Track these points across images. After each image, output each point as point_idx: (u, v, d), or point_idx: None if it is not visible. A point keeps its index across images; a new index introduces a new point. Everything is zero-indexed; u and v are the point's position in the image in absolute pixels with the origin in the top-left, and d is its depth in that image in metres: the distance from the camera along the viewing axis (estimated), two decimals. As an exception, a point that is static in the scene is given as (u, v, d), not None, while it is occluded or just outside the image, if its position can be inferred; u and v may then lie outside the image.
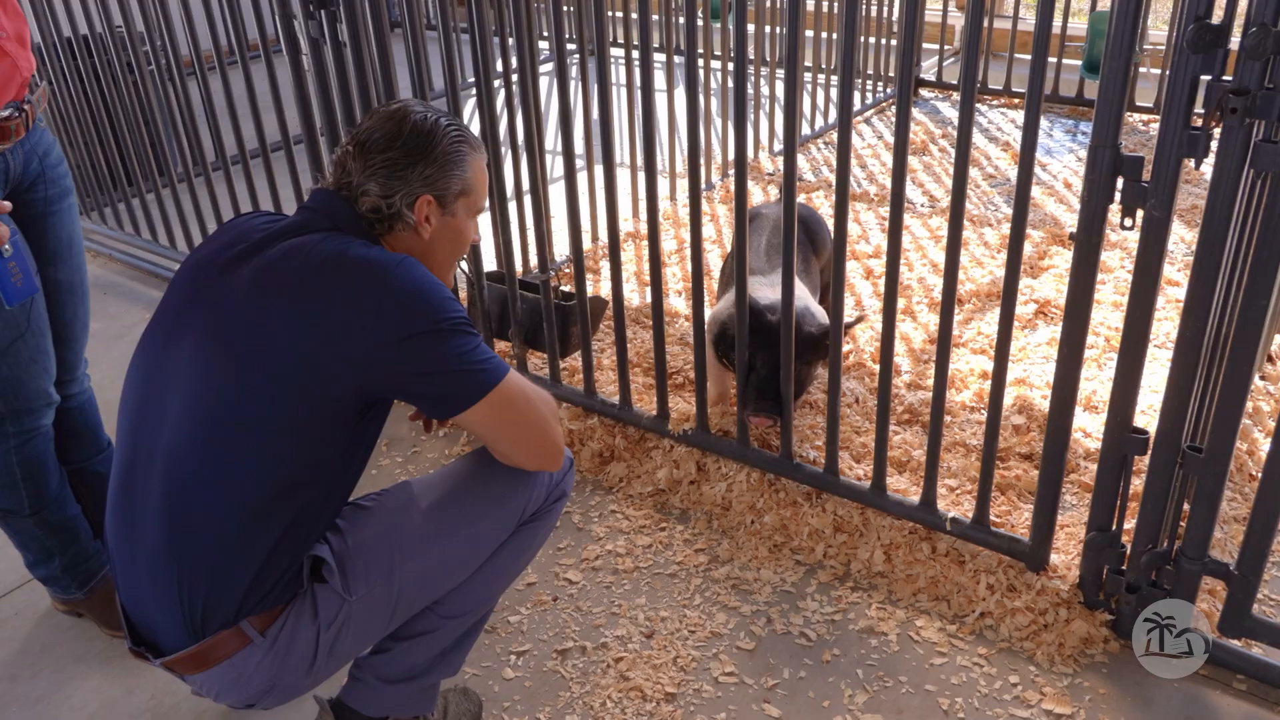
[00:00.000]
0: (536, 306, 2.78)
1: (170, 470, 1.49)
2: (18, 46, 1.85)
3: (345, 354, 1.46)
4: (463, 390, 1.53)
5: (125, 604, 1.61)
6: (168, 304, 1.60)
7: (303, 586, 1.55)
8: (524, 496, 1.75)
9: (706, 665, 2.11)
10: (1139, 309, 1.83)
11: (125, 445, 1.57)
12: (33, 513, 2.10)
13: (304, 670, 1.58)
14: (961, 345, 3.08)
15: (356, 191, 1.60)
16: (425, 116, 1.63)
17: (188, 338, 1.52)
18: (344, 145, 1.65)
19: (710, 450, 2.60)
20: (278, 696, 1.60)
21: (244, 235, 1.57)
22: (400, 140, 1.60)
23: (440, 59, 2.78)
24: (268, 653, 1.53)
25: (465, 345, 1.51)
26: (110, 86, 3.72)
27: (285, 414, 1.47)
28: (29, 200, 1.99)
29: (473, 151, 1.68)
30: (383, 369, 1.48)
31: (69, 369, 2.16)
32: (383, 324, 1.47)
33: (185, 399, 1.49)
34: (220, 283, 1.52)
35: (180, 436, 1.49)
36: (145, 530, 1.52)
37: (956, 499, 2.42)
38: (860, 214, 4.03)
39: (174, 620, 1.52)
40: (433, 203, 1.63)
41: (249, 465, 1.48)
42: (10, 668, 2.23)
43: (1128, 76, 1.70)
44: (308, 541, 1.55)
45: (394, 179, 1.59)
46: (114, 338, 3.57)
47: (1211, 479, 1.87)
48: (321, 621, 1.56)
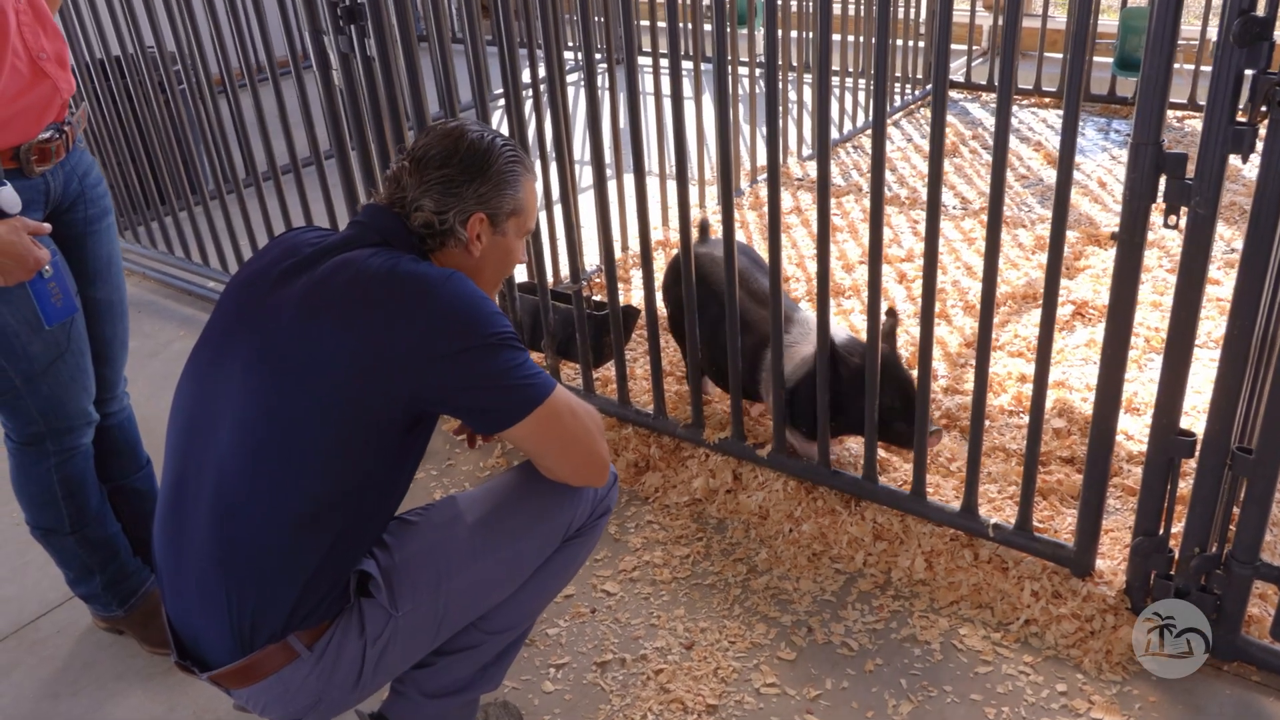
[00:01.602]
0: (569, 317, 2.77)
1: (220, 487, 1.50)
2: (58, 68, 1.87)
3: (394, 369, 1.46)
4: (510, 405, 1.52)
5: (172, 618, 1.61)
6: (217, 321, 1.60)
7: (349, 601, 1.55)
8: (569, 513, 1.74)
9: (748, 676, 2.09)
10: (1184, 309, 1.80)
11: (174, 462, 1.57)
12: (73, 530, 2.11)
13: (350, 685, 1.58)
14: (999, 348, 3.04)
15: (410, 207, 1.60)
16: (482, 135, 1.64)
17: (238, 356, 1.52)
18: (400, 161, 1.65)
19: (746, 459, 2.57)
20: (323, 711, 1.60)
21: (293, 250, 1.58)
22: (457, 158, 1.61)
23: (468, 71, 2.78)
24: (314, 667, 1.53)
25: (513, 360, 1.51)
26: (142, 106, 3.76)
27: (334, 431, 1.47)
28: (69, 220, 2.00)
29: (526, 173, 1.69)
30: (432, 383, 1.48)
31: (109, 387, 2.18)
32: (432, 338, 1.46)
33: (235, 416, 1.50)
34: (270, 300, 1.52)
35: (230, 453, 1.49)
36: (194, 546, 1.52)
37: (998, 505, 2.39)
38: (892, 217, 4.00)
39: (221, 634, 1.52)
40: (485, 221, 1.64)
41: (298, 482, 1.48)
42: (52, 686, 2.24)
43: (1170, 73, 1.67)
44: (354, 557, 1.54)
45: (449, 195, 1.60)
46: (149, 356, 3.60)
47: (1262, 480, 1.83)
48: (368, 636, 1.56)
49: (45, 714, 2.16)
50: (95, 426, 2.10)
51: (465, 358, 1.47)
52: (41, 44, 1.83)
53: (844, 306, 3.34)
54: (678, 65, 2.26)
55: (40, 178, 1.89)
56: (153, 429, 3.00)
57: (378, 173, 2.93)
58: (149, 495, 2.29)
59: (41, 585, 2.49)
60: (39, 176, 1.88)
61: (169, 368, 3.51)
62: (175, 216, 4.00)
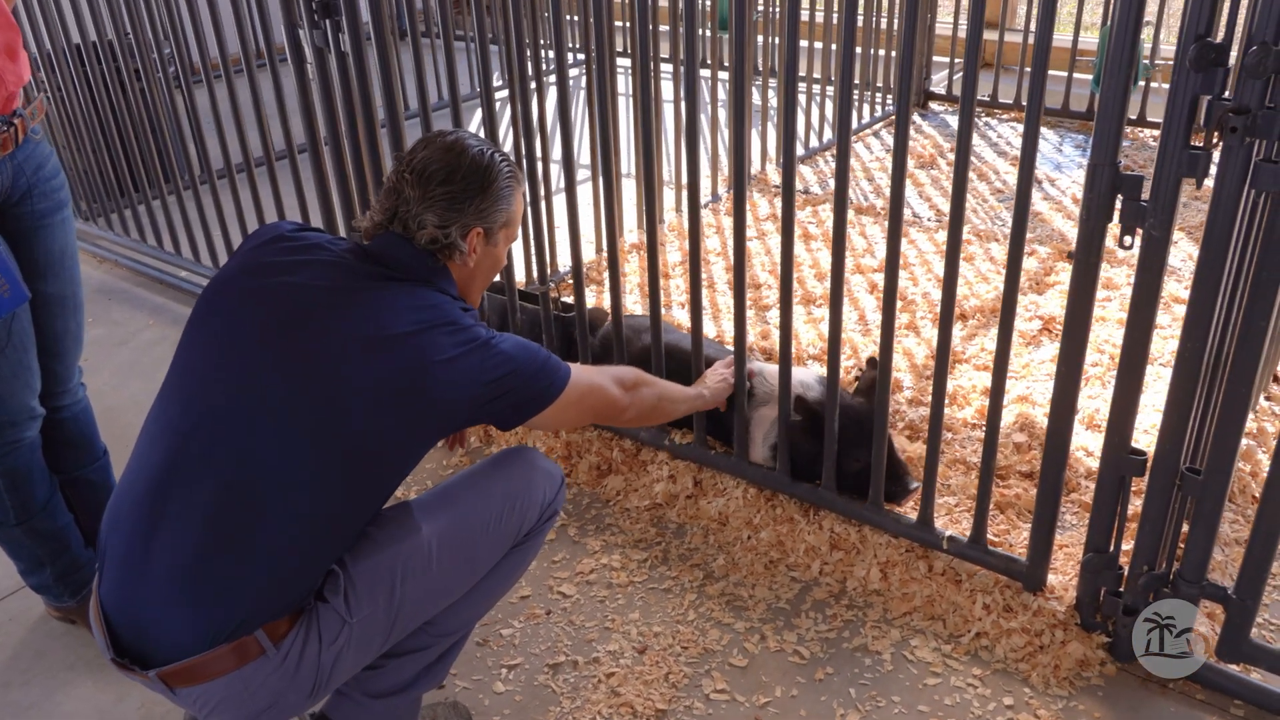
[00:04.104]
0: (536, 318, 2.77)
1: (240, 480, 1.50)
2: (5, 60, 1.83)
3: (443, 423, 1.59)
4: (533, 401, 1.68)
5: (111, 611, 1.57)
6: (229, 318, 1.59)
7: (309, 603, 1.56)
8: (520, 517, 1.78)
9: (698, 682, 2.09)
10: (1138, 328, 1.81)
11: (164, 449, 1.55)
12: (19, 523, 2.09)
13: (307, 690, 1.58)
14: (965, 361, 3.06)
15: (414, 223, 1.65)
16: (482, 152, 1.70)
17: (267, 373, 1.53)
18: (399, 172, 1.69)
19: (708, 465, 2.58)
20: (276, 714, 1.59)
21: (329, 270, 1.60)
22: (460, 174, 1.66)
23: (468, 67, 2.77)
24: (279, 667, 1.53)
25: (532, 365, 1.66)
26: (118, 93, 3.74)
27: (371, 453, 1.56)
28: (18, 214, 1.97)
29: (519, 186, 1.76)
30: (471, 419, 1.65)
31: (60, 381, 2.15)
32: (475, 399, 1.60)
33: (276, 422, 1.50)
34: (300, 331, 1.54)
35: (268, 454, 1.50)
36: (177, 538, 1.50)
37: (955, 517, 2.40)
38: (866, 227, 4.01)
39: (188, 626, 1.50)
40: (481, 234, 1.71)
41: (317, 497, 1.52)
42: (3, 674, 2.22)
43: (1127, 93, 1.69)
44: (331, 559, 1.57)
45: (451, 211, 1.66)
46: (117, 344, 3.58)
47: (1210, 501, 1.85)
48: (324, 641, 1.56)
49: (-7, 702, 2.16)
50: (44, 419, 2.08)
51: (498, 387, 1.62)
52: None
53: (814, 315, 3.34)
54: (647, 67, 2.26)
55: None
56: (117, 418, 3.00)
57: (349, 169, 2.92)
58: (103, 487, 2.28)
59: (-5, 573, 2.48)
60: None
61: (137, 356, 3.49)
62: (149, 205, 3.97)
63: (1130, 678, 2.04)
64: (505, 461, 1.83)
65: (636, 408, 1.99)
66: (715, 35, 4.23)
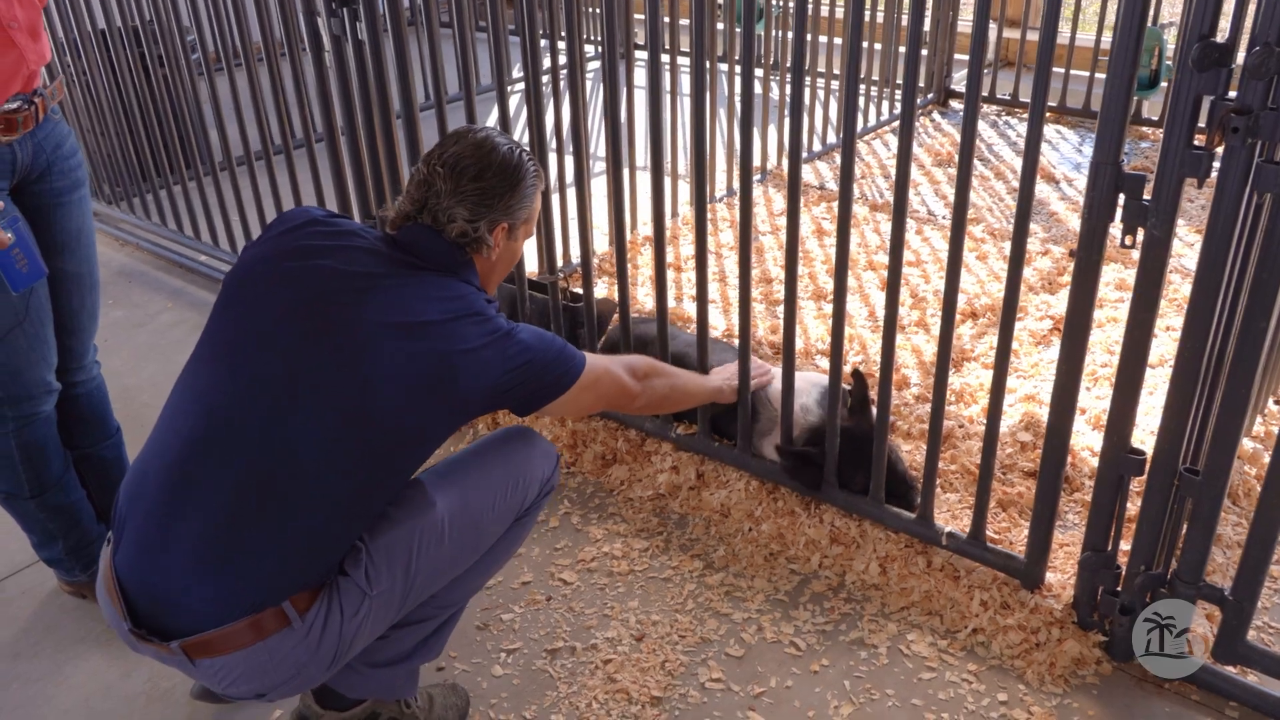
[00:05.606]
0: (545, 308, 2.80)
1: (262, 465, 1.53)
2: (28, 38, 1.88)
3: (467, 409, 1.66)
4: (549, 388, 1.74)
5: (127, 582, 1.57)
6: (267, 297, 1.62)
7: (332, 576, 1.60)
8: (522, 494, 1.84)
9: (694, 671, 2.11)
10: (1138, 328, 1.82)
11: (193, 428, 1.57)
12: (33, 495, 2.13)
13: (328, 662, 1.61)
14: (973, 359, 3.06)
15: (444, 216, 1.70)
16: (510, 149, 1.76)
17: (302, 353, 1.56)
18: (431, 165, 1.73)
19: (711, 456, 2.60)
20: (294, 686, 1.62)
21: (340, 254, 1.64)
22: (490, 172, 1.72)
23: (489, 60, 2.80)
24: (304, 639, 1.56)
25: (549, 355, 1.72)
26: (142, 80, 3.79)
27: (410, 436, 1.61)
28: (37, 191, 2.02)
29: (540, 183, 1.82)
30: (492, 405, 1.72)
31: (75, 358, 2.19)
32: (497, 387, 1.66)
33: (320, 399, 1.55)
34: (336, 312, 1.58)
35: (308, 429, 1.54)
36: (205, 510, 1.53)
37: (956, 514, 2.41)
38: (881, 224, 4.01)
39: (211, 600, 1.52)
40: (506, 229, 1.77)
41: (345, 476, 1.56)
42: (14, 646, 2.27)
43: (1130, 94, 1.69)
44: (355, 535, 1.62)
45: (481, 206, 1.72)
46: (135, 326, 3.63)
47: (1208, 502, 1.85)
48: (345, 613, 1.60)
49: (3, 673, 2.20)
50: (58, 395, 2.12)
51: (518, 375, 1.69)
52: (14, 13, 1.84)
53: (824, 310, 3.35)
54: (657, 60, 2.28)
55: (7, 147, 1.90)
56: (134, 398, 3.04)
57: (364, 157, 2.95)
58: (115, 464, 2.32)
59: (10, 548, 2.52)
60: (5, 146, 1.90)
61: (155, 338, 3.54)
62: (170, 190, 4.02)
63: (1125, 677, 2.05)
64: (506, 440, 1.88)
65: (647, 396, 2.05)
66: (731, 28, 4.24)
